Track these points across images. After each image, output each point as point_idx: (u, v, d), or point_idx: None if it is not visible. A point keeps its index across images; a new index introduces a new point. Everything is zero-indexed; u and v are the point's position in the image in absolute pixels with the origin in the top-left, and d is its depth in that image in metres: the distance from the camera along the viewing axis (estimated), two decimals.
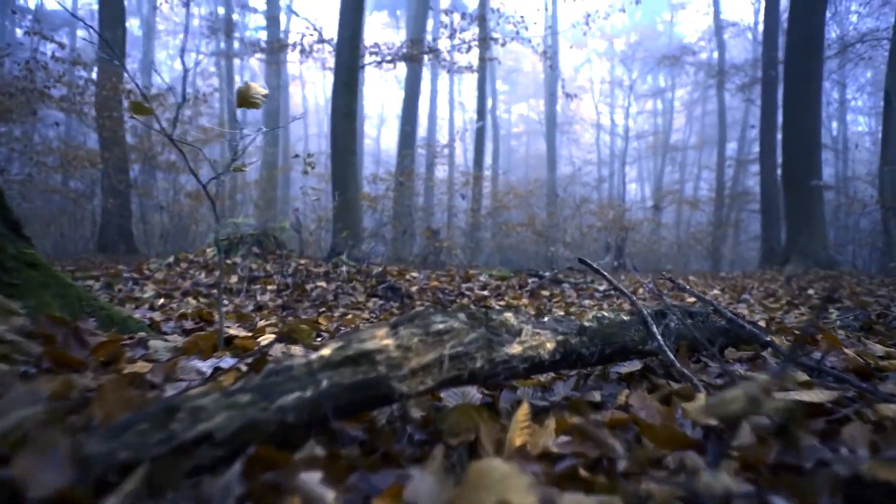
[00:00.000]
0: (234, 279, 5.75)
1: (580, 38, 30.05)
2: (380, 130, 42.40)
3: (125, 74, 13.69)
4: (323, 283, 5.77)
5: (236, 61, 32.33)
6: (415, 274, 6.63)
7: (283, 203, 25.37)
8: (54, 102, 13.81)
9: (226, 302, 5.13)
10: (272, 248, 7.15)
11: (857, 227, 20.85)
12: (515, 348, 1.29)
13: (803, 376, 1.74)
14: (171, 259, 6.78)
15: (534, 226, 17.39)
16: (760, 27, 26.14)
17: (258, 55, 17.54)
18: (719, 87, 25.32)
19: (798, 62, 12.72)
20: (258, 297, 5.32)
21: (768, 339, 2.01)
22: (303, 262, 6.80)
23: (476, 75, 19.86)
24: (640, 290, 6.64)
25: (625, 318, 1.72)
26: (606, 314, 1.68)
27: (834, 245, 16.03)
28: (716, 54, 28.08)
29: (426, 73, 41.17)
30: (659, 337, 1.66)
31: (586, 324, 1.59)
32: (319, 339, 2.57)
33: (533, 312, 4.96)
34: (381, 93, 42.92)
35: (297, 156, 8.21)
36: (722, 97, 26.06)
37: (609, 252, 14.38)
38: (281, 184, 29.80)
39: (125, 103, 15.20)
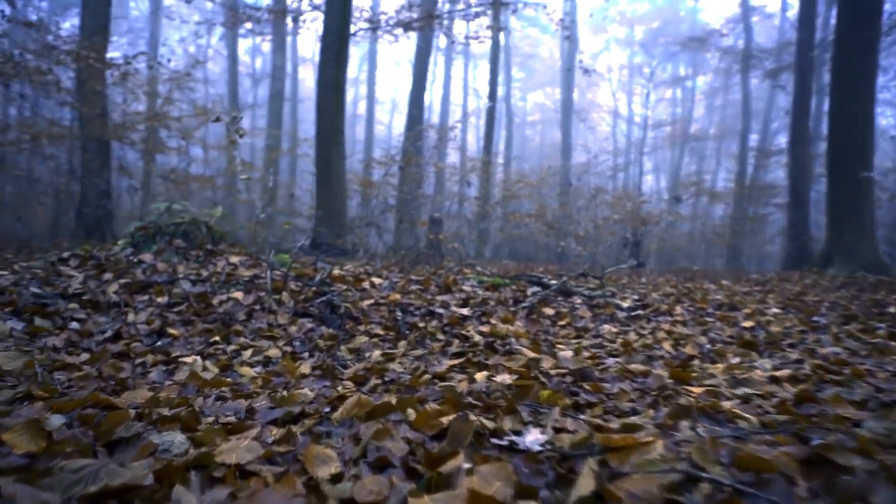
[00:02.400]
0: (112, 288, 3.99)
1: (599, 21, 27.96)
2: (392, 116, 40.46)
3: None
4: (239, 294, 4.00)
5: (246, 42, 30.67)
6: (378, 280, 4.83)
7: (289, 189, 23.57)
8: (28, 74, 12.10)
9: (75, 325, 3.38)
10: (202, 241, 5.39)
11: None
12: None
13: None
14: (65, 255, 5.03)
15: (544, 217, 15.51)
16: (792, 11, 23.96)
17: (249, 25, 15.61)
18: (744, 73, 23.17)
19: (851, 34, 10.69)
20: (132, 317, 3.57)
21: None
22: (235, 259, 5.03)
23: (489, 55, 18.01)
24: (679, 309, 4.81)
25: None
26: None
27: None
28: (741, 41, 25.87)
29: (440, 59, 39.29)
30: None
31: None
32: None
33: (527, 349, 3.16)
34: (393, 77, 41.05)
35: (217, 119, 6.46)
36: (747, 84, 23.90)
37: (627, 248, 12.50)
38: (287, 168, 28.12)
39: (109, 77, 13.55)
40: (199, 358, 2.91)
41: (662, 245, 18.67)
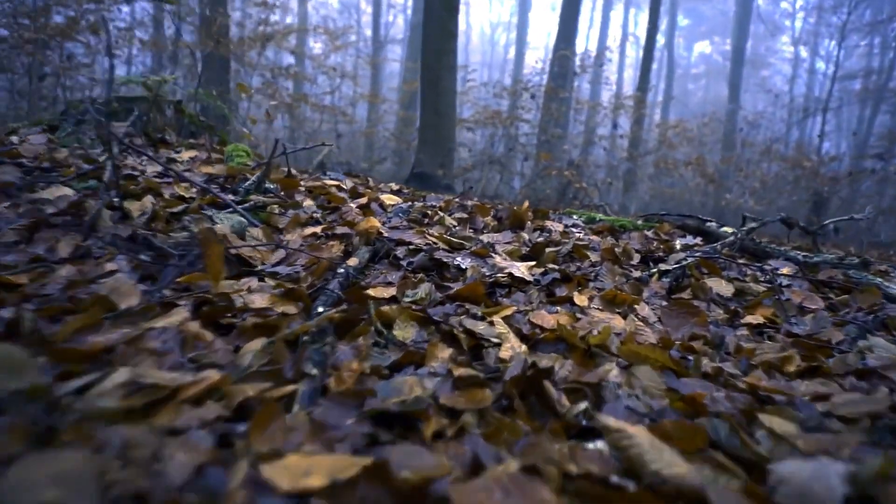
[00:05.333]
0: None
1: None
2: (545, 64, 37.15)
3: None
4: (58, 192, 1.88)
5: None
6: (393, 200, 2.51)
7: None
8: None
9: None
10: (157, 128, 3.34)
11: None
12: None
13: None
14: None
15: (703, 167, 12.27)
16: None
17: None
18: None
19: None
20: None
21: None
22: (187, 155, 2.93)
23: None
24: None
25: None
26: None
27: None
28: None
29: (598, 4, 35.31)
30: None
31: None
32: None
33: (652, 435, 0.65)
34: (547, 23, 37.69)
35: None
36: None
37: (817, 209, 9.25)
38: None
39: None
40: None
41: (848, 210, 14.65)
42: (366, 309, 1.27)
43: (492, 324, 1.27)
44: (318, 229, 1.81)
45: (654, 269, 1.91)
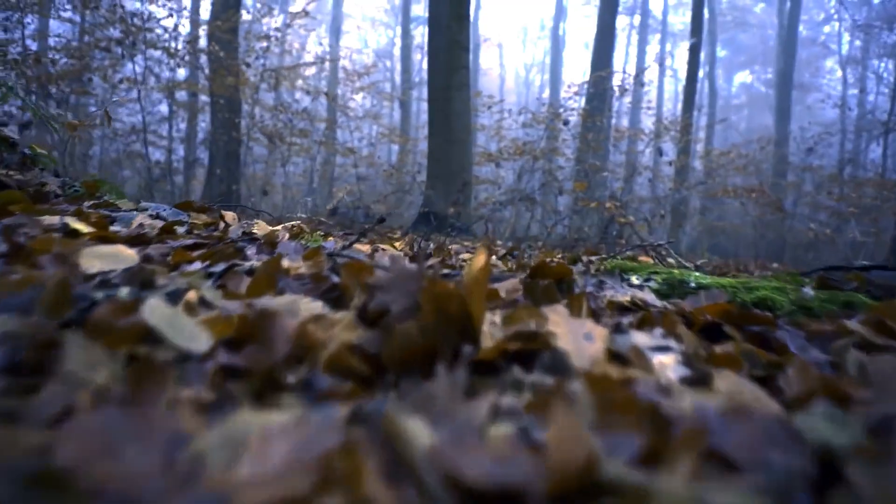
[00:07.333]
0: None
1: None
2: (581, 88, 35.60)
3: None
4: None
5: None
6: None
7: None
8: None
9: None
10: None
11: None
12: None
13: None
14: None
15: (764, 194, 10.34)
16: None
17: None
18: None
19: None
20: None
21: None
22: None
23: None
24: None
25: None
26: None
27: None
28: None
29: (633, 38, 33.68)
30: None
31: None
32: None
33: None
34: (581, 61, 36.24)
35: None
36: None
37: None
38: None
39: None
40: None
41: None
42: None
43: None
44: None
45: None
